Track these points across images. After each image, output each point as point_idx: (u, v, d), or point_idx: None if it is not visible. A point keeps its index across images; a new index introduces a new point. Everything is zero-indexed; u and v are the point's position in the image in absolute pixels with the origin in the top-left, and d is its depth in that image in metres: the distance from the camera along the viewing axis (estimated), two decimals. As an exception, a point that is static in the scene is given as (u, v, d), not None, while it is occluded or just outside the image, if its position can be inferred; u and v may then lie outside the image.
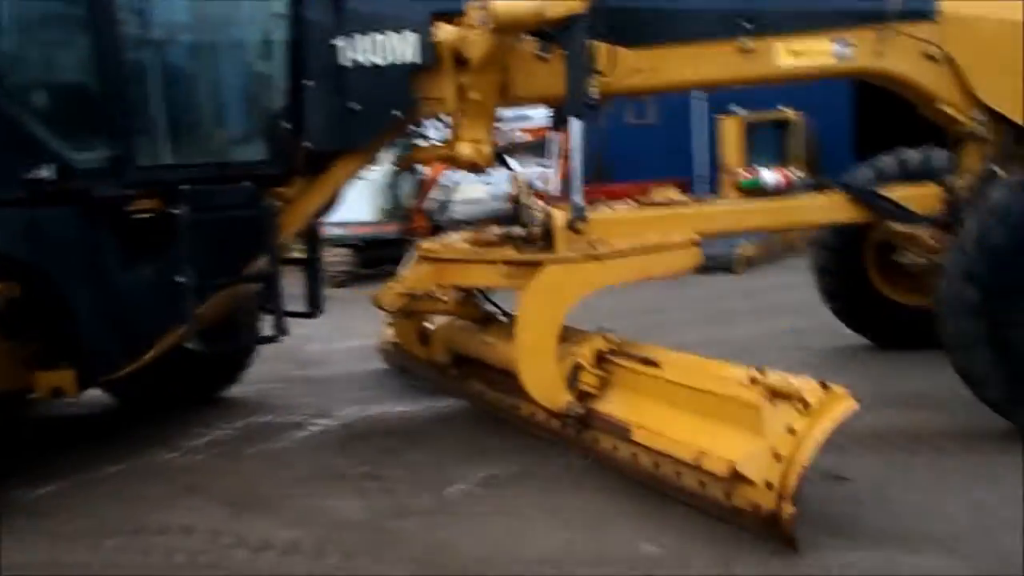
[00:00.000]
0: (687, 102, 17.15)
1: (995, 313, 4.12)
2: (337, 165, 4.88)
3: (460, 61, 4.66)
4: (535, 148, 13.57)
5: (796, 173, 6.71)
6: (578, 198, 4.50)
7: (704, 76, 5.04)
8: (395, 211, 13.15)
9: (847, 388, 3.36)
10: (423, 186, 13.24)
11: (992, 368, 4.12)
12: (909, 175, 5.87)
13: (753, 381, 3.54)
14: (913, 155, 6.14)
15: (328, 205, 5.14)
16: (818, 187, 5.64)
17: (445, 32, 4.63)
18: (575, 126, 4.49)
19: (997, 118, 4.98)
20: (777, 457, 3.25)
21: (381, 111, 4.73)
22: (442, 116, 5.01)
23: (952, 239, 4.69)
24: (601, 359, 4.31)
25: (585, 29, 4.41)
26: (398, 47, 4.60)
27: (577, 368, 4.26)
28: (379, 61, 4.62)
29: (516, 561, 3.36)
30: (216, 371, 6.05)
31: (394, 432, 5.19)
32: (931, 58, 4.93)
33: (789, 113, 15.56)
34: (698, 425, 3.66)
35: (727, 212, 5.55)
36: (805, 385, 3.36)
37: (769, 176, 6.27)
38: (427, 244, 5.38)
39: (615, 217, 5.32)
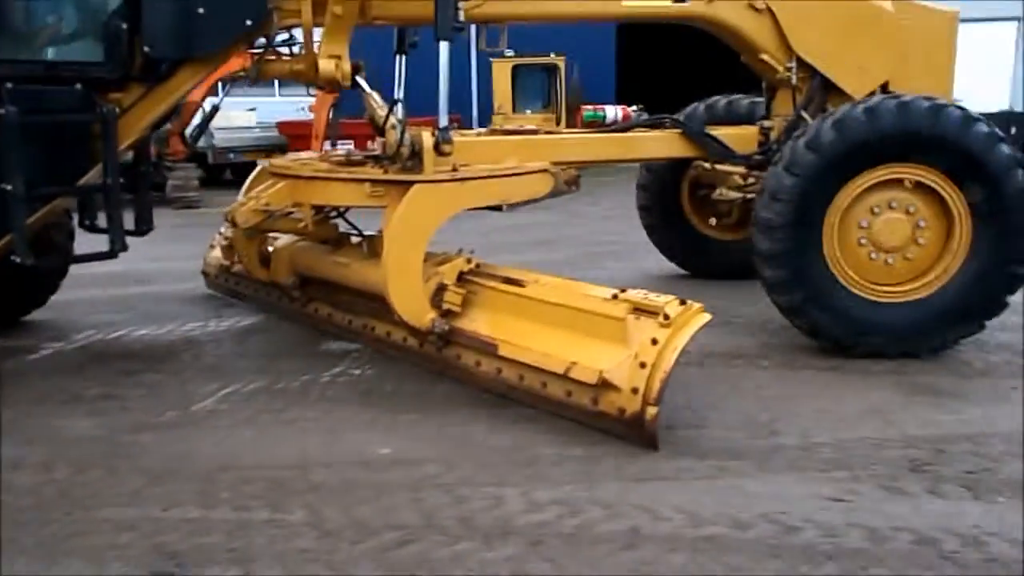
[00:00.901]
0: (469, 43, 17.43)
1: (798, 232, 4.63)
2: (178, 73, 4.55)
3: None
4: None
5: (633, 110, 7.02)
6: (444, 120, 4.59)
7: (555, 11, 5.25)
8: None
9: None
10: (184, 109, 12.54)
11: (790, 277, 4.66)
12: (715, 119, 6.38)
13: (615, 298, 3.83)
14: (721, 103, 6.70)
15: (166, 116, 4.82)
16: (654, 124, 5.96)
17: None
18: (443, 49, 4.50)
19: (807, 68, 5.41)
20: (642, 365, 3.55)
21: (231, 19, 4.45)
22: (291, 30, 4.85)
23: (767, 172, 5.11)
24: (461, 279, 4.46)
25: None
26: None
27: (441, 287, 4.39)
28: None
29: (255, 467, 3.49)
30: (27, 291, 5.53)
31: (135, 355, 5.10)
32: (755, 9, 5.35)
33: (555, 59, 16.27)
34: (565, 339, 3.91)
35: (577, 142, 5.78)
36: (665, 301, 3.68)
37: (610, 110, 6.66)
38: (279, 161, 5.16)
39: (475, 142, 5.44)
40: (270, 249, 5.47)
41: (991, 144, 4.57)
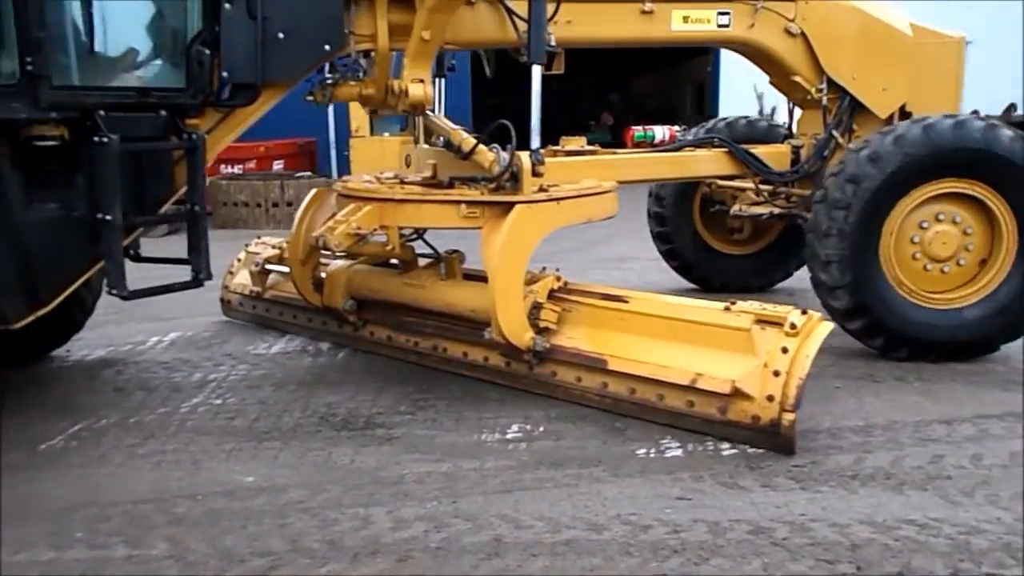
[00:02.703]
0: (323, 67, 17.25)
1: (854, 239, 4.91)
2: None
3: None
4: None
5: (677, 130, 7.12)
6: (536, 142, 4.60)
7: (609, 34, 5.35)
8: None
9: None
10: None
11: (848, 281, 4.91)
12: (737, 138, 6.38)
13: (727, 310, 3.98)
14: (741, 121, 6.84)
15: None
16: (703, 143, 6.13)
17: None
18: (536, 73, 4.54)
19: (836, 89, 5.74)
20: (776, 373, 3.72)
21: (310, 43, 4.41)
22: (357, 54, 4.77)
23: (807, 186, 5.62)
24: (552, 297, 4.51)
25: None
26: None
27: (536, 306, 4.41)
28: None
29: (111, 504, 3.40)
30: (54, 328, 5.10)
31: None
32: (790, 33, 5.62)
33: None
34: (681, 352, 4.00)
35: (638, 162, 5.90)
36: (786, 311, 3.85)
37: (659, 130, 6.79)
38: (354, 184, 4.98)
39: (551, 162, 5.24)
40: (322, 275, 5.34)
41: None
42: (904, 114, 5.75)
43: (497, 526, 3.19)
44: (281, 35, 4.29)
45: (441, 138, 5.08)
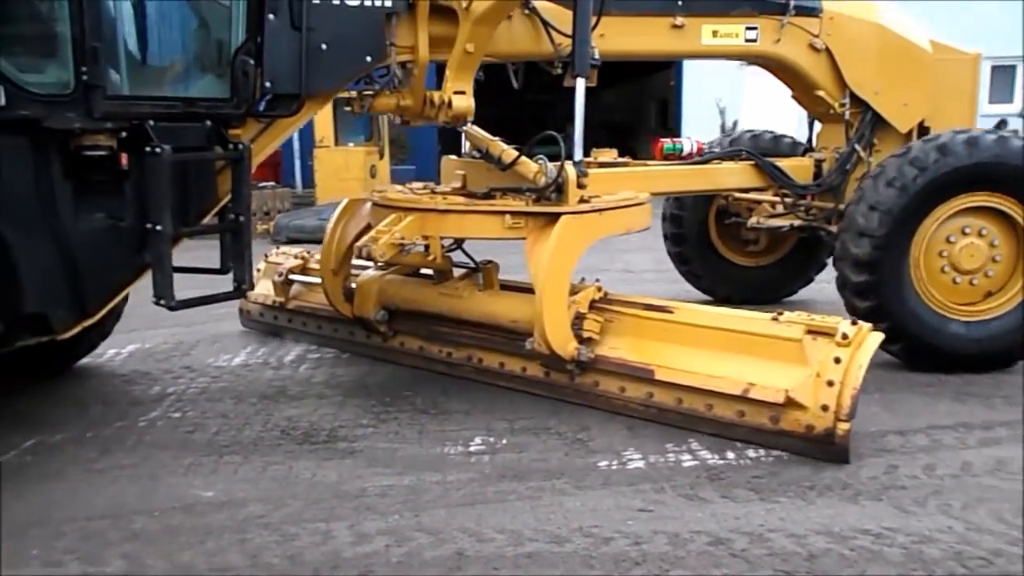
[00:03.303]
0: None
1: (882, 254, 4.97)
2: (295, 108, 4.41)
3: (436, 10, 4.64)
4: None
5: (704, 143, 7.11)
6: (580, 154, 4.65)
7: (642, 47, 5.40)
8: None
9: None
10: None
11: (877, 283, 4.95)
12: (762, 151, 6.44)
13: (775, 320, 4.03)
14: (766, 135, 6.95)
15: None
16: (731, 156, 6.17)
17: None
18: (580, 85, 4.59)
19: (858, 104, 5.83)
20: (830, 383, 3.75)
21: (353, 55, 4.43)
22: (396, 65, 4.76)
23: (829, 199, 5.79)
24: (593, 307, 4.52)
25: None
26: None
27: (579, 316, 4.44)
28: (354, 1, 4.35)
29: (67, 520, 3.34)
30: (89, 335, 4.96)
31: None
32: (815, 49, 5.72)
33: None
34: (730, 362, 4.02)
35: (670, 174, 5.98)
36: (836, 321, 3.90)
37: (686, 143, 6.82)
38: (393, 194, 4.98)
39: (593, 175, 5.31)
40: (352, 285, 5.32)
41: None
42: (923, 129, 5.88)
43: (459, 540, 3.19)
44: (324, 46, 4.29)
45: (475, 149, 5.14)
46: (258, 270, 6.28)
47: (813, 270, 7.12)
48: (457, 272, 5.14)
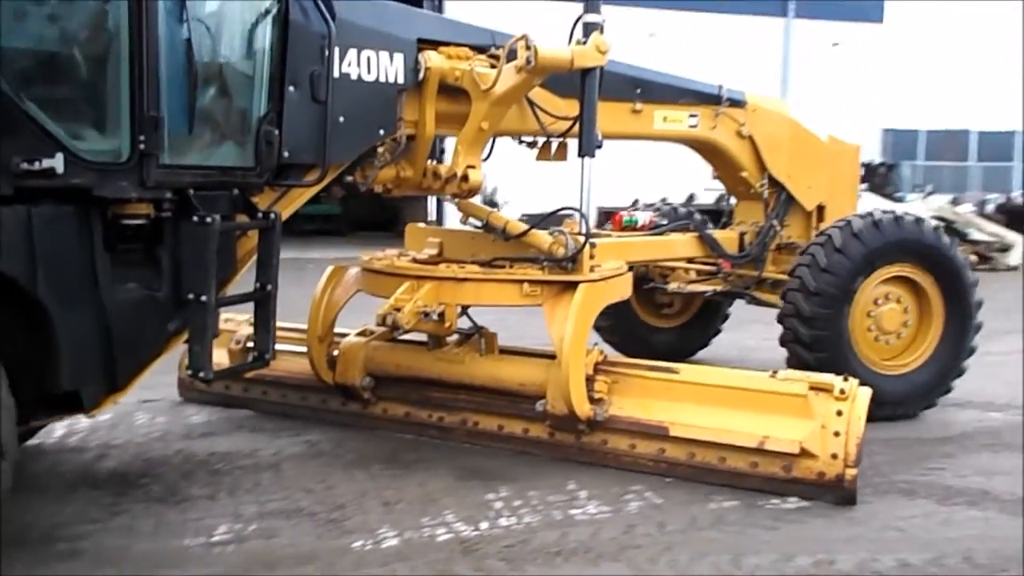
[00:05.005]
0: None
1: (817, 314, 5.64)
2: (309, 178, 4.49)
3: (444, 88, 4.91)
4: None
5: (652, 215, 7.38)
6: (587, 226, 4.99)
7: (608, 128, 5.60)
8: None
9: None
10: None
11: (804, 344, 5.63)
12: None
13: (775, 377, 4.43)
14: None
15: None
16: (679, 229, 6.75)
17: (435, 59, 4.85)
18: (587, 165, 4.92)
19: (774, 185, 6.63)
20: (836, 434, 4.17)
21: (367, 127, 4.69)
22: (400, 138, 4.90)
23: (751, 268, 6.60)
24: (598, 370, 4.74)
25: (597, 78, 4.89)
26: (389, 66, 4.72)
27: (588, 379, 4.65)
28: (369, 78, 4.61)
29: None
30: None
31: None
32: (741, 136, 6.47)
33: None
34: (738, 417, 4.35)
35: (637, 246, 6.42)
36: (830, 377, 4.33)
37: (640, 216, 7.18)
38: (401, 263, 5.22)
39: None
40: (334, 352, 5.30)
41: (953, 247, 5.99)
42: (819, 209, 6.76)
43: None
44: (342, 119, 4.49)
45: (470, 218, 5.46)
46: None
47: (711, 333, 7.78)
48: (451, 338, 5.29)
